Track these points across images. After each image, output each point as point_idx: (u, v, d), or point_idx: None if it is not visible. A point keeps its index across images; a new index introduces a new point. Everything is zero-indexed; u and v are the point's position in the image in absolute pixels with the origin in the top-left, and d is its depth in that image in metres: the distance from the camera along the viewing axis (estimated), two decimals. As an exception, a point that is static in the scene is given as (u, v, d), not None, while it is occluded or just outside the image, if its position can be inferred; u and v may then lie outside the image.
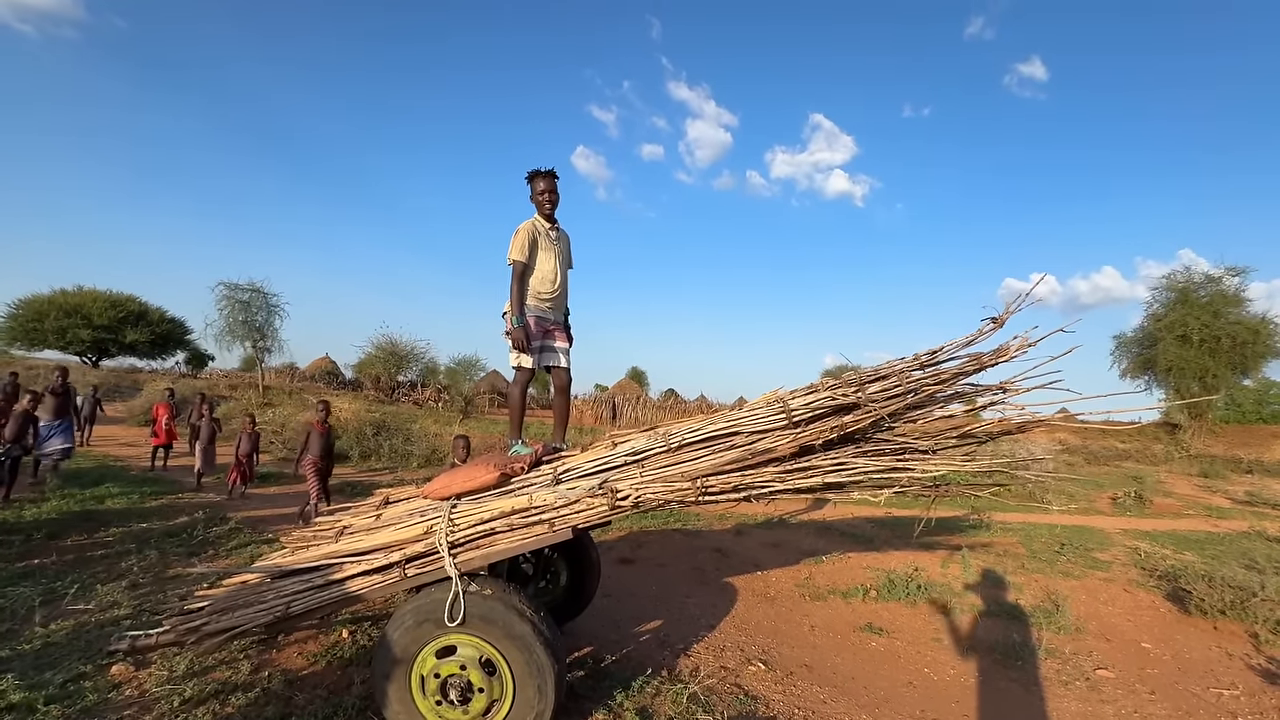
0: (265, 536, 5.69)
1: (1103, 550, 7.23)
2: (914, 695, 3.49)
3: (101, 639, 3.32)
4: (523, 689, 2.47)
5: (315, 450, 6.43)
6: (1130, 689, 3.74)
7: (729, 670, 3.56)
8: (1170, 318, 23.69)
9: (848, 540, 6.97)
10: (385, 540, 2.70)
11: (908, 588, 5.17)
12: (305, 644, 3.49)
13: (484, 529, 2.62)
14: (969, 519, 8.44)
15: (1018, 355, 2.59)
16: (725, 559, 5.97)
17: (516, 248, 3.39)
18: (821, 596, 5.05)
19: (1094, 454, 21.47)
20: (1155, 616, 5.04)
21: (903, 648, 4.14)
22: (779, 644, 4.05)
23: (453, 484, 2.90)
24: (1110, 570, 6.28)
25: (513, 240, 3.41)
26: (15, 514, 5.75)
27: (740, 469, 2.57)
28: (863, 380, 2.72)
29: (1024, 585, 5.51)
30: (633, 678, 3.21)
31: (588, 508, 2.57)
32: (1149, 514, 10.82)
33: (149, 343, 34.82)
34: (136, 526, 5.80)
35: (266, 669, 3.16)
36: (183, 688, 2.87)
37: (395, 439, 11.69)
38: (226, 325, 23.73)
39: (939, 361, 2.72)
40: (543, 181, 3.49)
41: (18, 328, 31.69)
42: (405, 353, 29.45)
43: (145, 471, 8.92)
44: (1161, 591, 5.51)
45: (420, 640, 2.51)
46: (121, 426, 14.60)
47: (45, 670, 3.00)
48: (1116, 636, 4.57)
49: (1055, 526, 8.59)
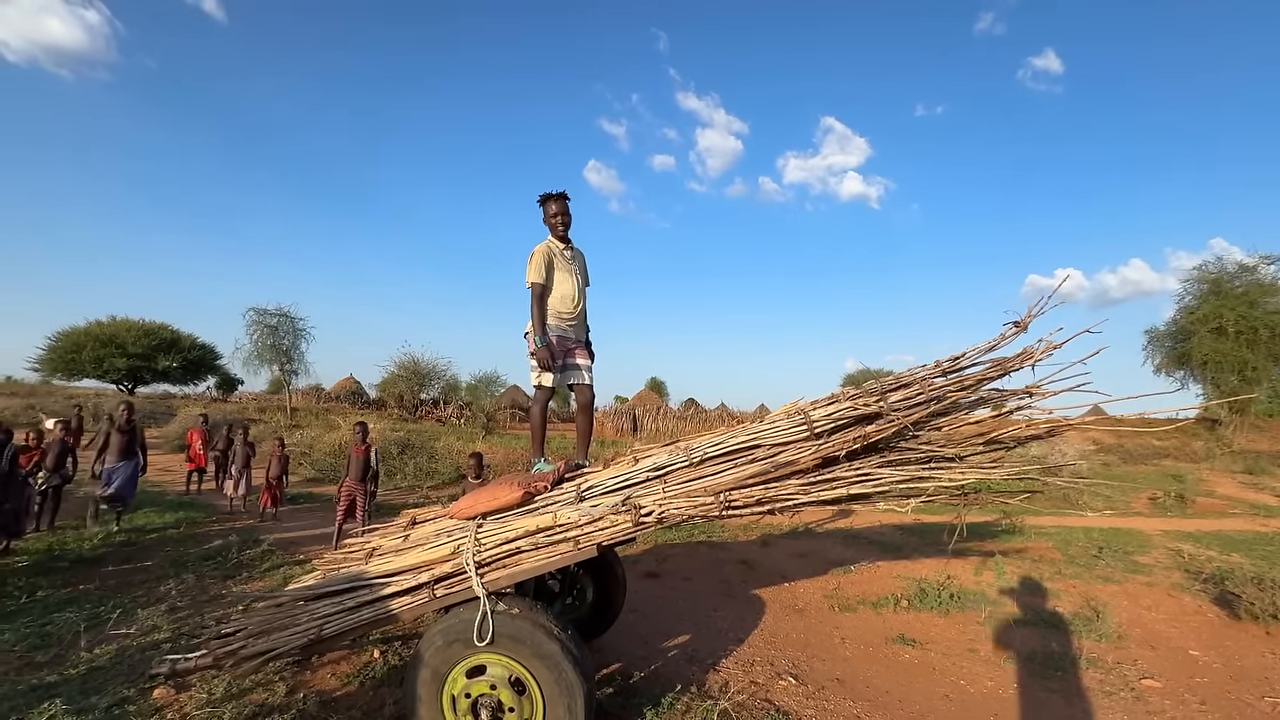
0: (297, 558, 5.79)
1: (1143, 553, 7.01)
2: (950, 709, 3.41)
3: (143, 663, 3.41)
4: (552, 708, 2.47)
5: (353, 473, 6.49)
6: (1179, 699, 3.60)
7: (759, 685, 3.52)
8: (1204, 310, 22.99)
9: (876, 549, 6.85)
10: (414, 561, 2.74)
11: (940, 597, 5.06)
12: (338, 665, 3.53)
13: (510, 548, 2.64)
14: (1001, 524, 8.24)
15: (1043, 359, 2.56)
16: (751, 571, 5.91)
17: (533, 270, 3.48)
18: (851, 608, 4.97)
19: (1130, 453, 20.82)
20: (1202, 622, 4.86)
21: (937, 659, 4.05)
22: (809, 657, 4.00)
23: (477, 504, 2.93)
24: (1152, 574, 6.08)
25: (529, 264, 3.51)
26: (60, 541, 5.94)
27: (763, 482, 2.56)
28: (884, 389, 2.70)
29: (1061, 592, 5.36)
30: (662, 694, 3.19)
31: (612, 525, 2.58)
32: (1191, 514, 10.46)
33: (181, 369, 35.82)
34: (174, 550, 5.96)
35: (301, 690, 3.21)
36: (221, 711, 2.93)
37: (420, 457, 11.84)
38: (255, 349, 24.40)
39: (962, 367, 2.69)
40: (555, 204, 3.59)
41: (57, 359, 32.84)
42: (427, 370, 29.89)
43: (181, 495, 9.15)
44: (1208, 596, 5.32)
45: (450, 660, 2.53)
46: (159, 453, 15.00)
47: (91, 695, 3.08)
48: (1162, 644, 4.41)
49: (1092, 530, 8.36)
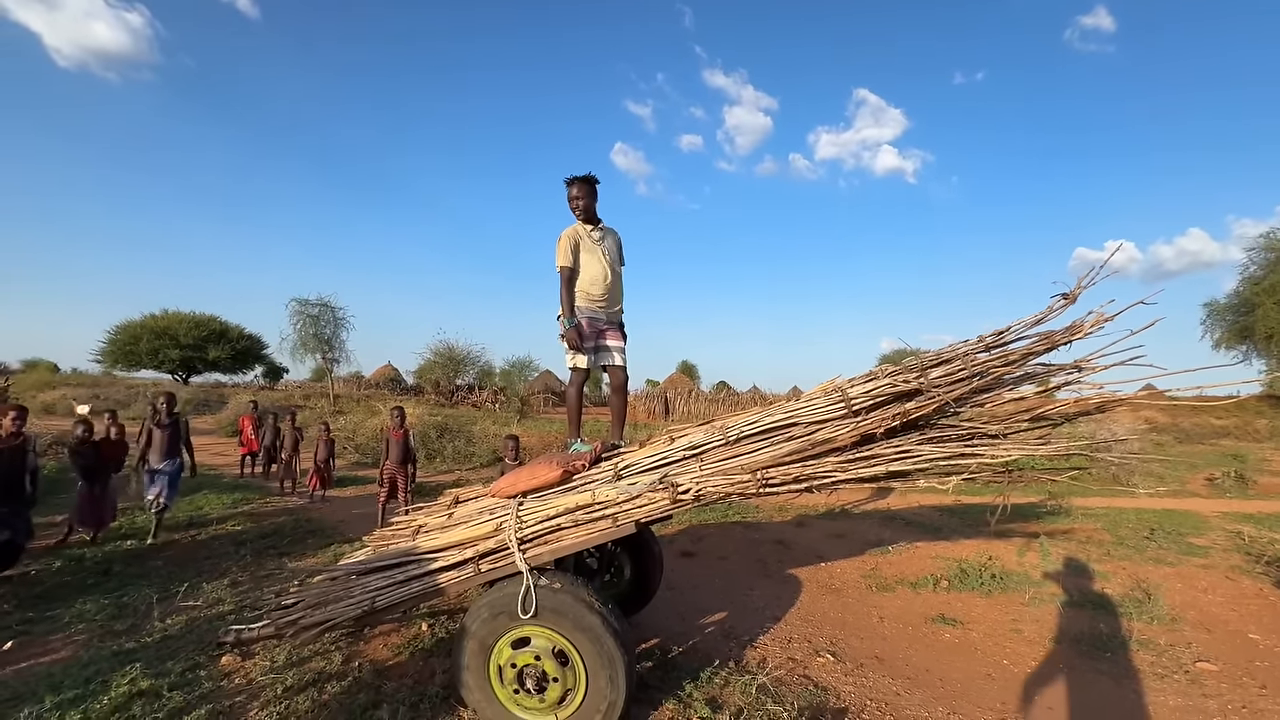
0: (346, 537, 6.04)
1: (1199, 535, 6.73)
2: (993, 688, 3.37)
3: (210, 632, 3.63)
4: (595, 679, 2.55)
5: (393, 456, 6.73)
6: (1237, 682, 3.48)
7: (797, 662, 3.54)
8: (1270, 280, 21.68)
9: (914, 530, 6.76)
10: (459, 538, 2.83)
11: (981, 577, 4.98)
12: (389, 636, 3.70)
13: (551, 525, 2.71)
14: (1046, 505, 8.02)
15: (1093, 331, 2.46)
16: (787, 551, 5.91)
17: (560, 254, 3.57)
18: (889, 587, 4.93)
19: (1186, 433, 19.91)
20: (1263, 605, 4.66)
21: (979, 639, 4.00)
22: (847, 635, 4.00)
23: (518, 482, 3.01)
24: (1209, 556, 5.84)
25: (557, 248, 3.60)
26: (129, 521, 6.33)
27: (800, 460, 2.55)
28: (925, 365, 2.65)
29: (1110, 574, 5.20)
30: (700, 669, 3.24)
31: (649, 502, 2.62)
32: (1253, 495, 9.97)
33: (230, 359, 37.41)
34: (232, 529, 6.29)
35: (356, 659, 3.37)
36: (284, 676, 3.11)
37: (458, 440, 12.15)
38: (299, 338, 25.26)
39: (1006, 342, 2.61)
40: (575, 188, 3.66)
41: (117, 350, 34.69)
42: (462, 357, 30.53)
43: (236, 479, 9.63)
44: (1270, 579, 5.10)
45: (496, 632, 2.63)
46: (212, 437, 15.77)
47: (166, 660, 3.31)
48: (1218, 627, 4.25)
49: (1143, 511, 8.06)
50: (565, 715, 2.60)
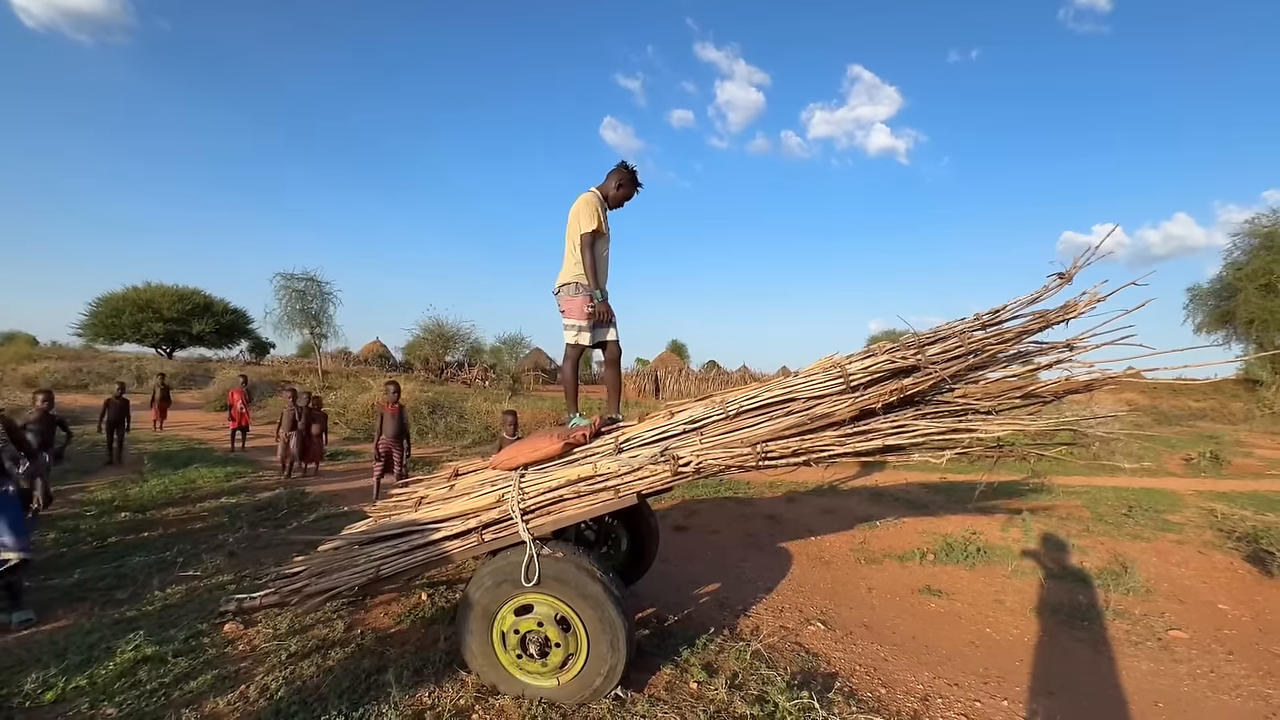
0: (341, 509, 6.08)
1: (1174, 513, 6.96)
2: (976, 654, 3.51)
3: (211, 602, 3.67)
4: (596, 644, 2.63)
5: (388, 431, 6.71)
6: (1205, 649, 3.65)
7: (789, 630, 3.66)
8: (1253, 265, 21.97)
9: (902, 506, 6.92)
10: (462, 509, 2.88)
11: (966, 550, 5.13)
12: (390, 606, 3.76)
13: (553, 496, 2.76)
14: (1029, 483, 8.23)
15: (1086, 311, 2.52)
16: (778, 525, 6.04)
17: (590, 217, 3.44)
18: (877, 560, 5.07)
19: (1164, 414, 20.38)
20: (1233, 578, 4.86)
21: (963, 609, 4.15)
22: (836, 606, 4.12)
23: (519, 455, 3.05)
24: (1183, 532, 6.05)
25: (584, 211, 3.46)
26: (122, 493, 6.32)
27: (799, 434, 2.61)
28: (922, 342, 2.70)
29: (1089, 548, 5.38)
30: (696, 636, 3.34)
31: (651, 474, 2.67)
32: (1226, 475, 10.27)
33: (215, 333, 36.83)
34: (227, 501, 6.29)
35: (359, 628, 3.43)
36: (288, 643, 3.16)
37: (450, 417, 12.16)
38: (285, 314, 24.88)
39: (1001, 321, 2.67)
40: (629, 182, 3.62)
41: (99, 324, 33.97)
42: (452, 334, 30.33)
43: (226, 453, 9.59)
44: (1240, 554, 5.29)
45: (499, 599, 2.69)
46: (199, 412, 15.64)
47: (168, 628, 3.35)
48: (1190, 598, 4.44)
49: (1122, 489, 8.30)
50: (567, 679, 2.68)
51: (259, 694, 2.71)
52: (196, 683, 2.79)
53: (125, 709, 2.59)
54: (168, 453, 9.01)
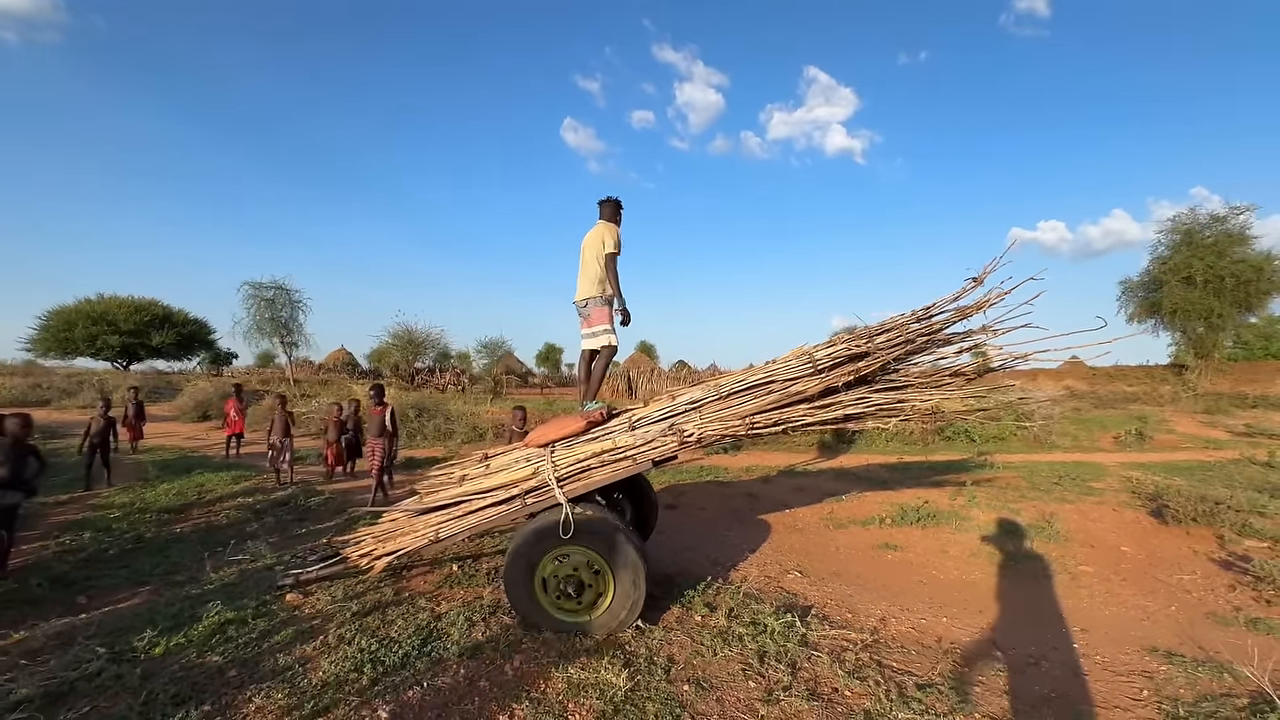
0: (354, 502, 6.53)
1: (1098, 481, 7.93)
2: (925, 591, 4.27)
3: (264, 580, 4.14)
4: (621, 583, 3.25)
5: (373, 430, 7.04)
6: (1105, 578, 4.49)
7: (771, 578, 4.35)
8: (1175, 260, 23.95)
9: (864, 482, 7.73)
10: (504, 479, 3.47)
11: (918, 515, 5.93)
12: (428, 575, 4.29)
13: (581, 466, 3.38)
14: (975, 461, 9.17)
15: (994, 304, 3.28)
16: (757, 501, 6.76)
17: (616, 241, 4.21)
18: (843, 526, 5.83)
19: (1101, 398, 22.03)
20: (1137, 529, 5.77)
21: (914, 558, 4.92)
22: (810, 560, 4.84)
23: (548, 433, 3.65)
24: (1102, 496, 6.98)
25: (614, 235, 4.21)
26: (138, 496, 6.62)
27: (779, 408, 3.30)
28: (872, 333, 3.42)
29: (1021, 510, 6.25)
30: (695, 584, 3.99)
31: (662, 445, 3.32)
32: (1149, 449, 11.48)
33: (175, 344, 35.85)
34: (245, 500, 6.66)
35: (406, 592, 3.97)
36: (349, 606, 3.68)
37: (436, 419, 12.54)
38: (254, 322, 24.65)
39: (932, 315, 3.41)
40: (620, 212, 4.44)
41: (50, 338, 32.70)
42: (421, 339, 30.38)
43: (223, 459, 9.81)
44: (1146, 509, 6.22)
45: (540, 551, 3.29)
46: (178, 423, 15.57)
47: (236, 600, 3.82)
48: (1099, 543, 5.31)
49: (1056, 464, 9.31)
50: (598, 614, 3.29)
51: (338, 641, 3.24)
52: (280, 636, 3.30)
53: (227, 657, 3.09)
54: (166, 461, 9.22)
